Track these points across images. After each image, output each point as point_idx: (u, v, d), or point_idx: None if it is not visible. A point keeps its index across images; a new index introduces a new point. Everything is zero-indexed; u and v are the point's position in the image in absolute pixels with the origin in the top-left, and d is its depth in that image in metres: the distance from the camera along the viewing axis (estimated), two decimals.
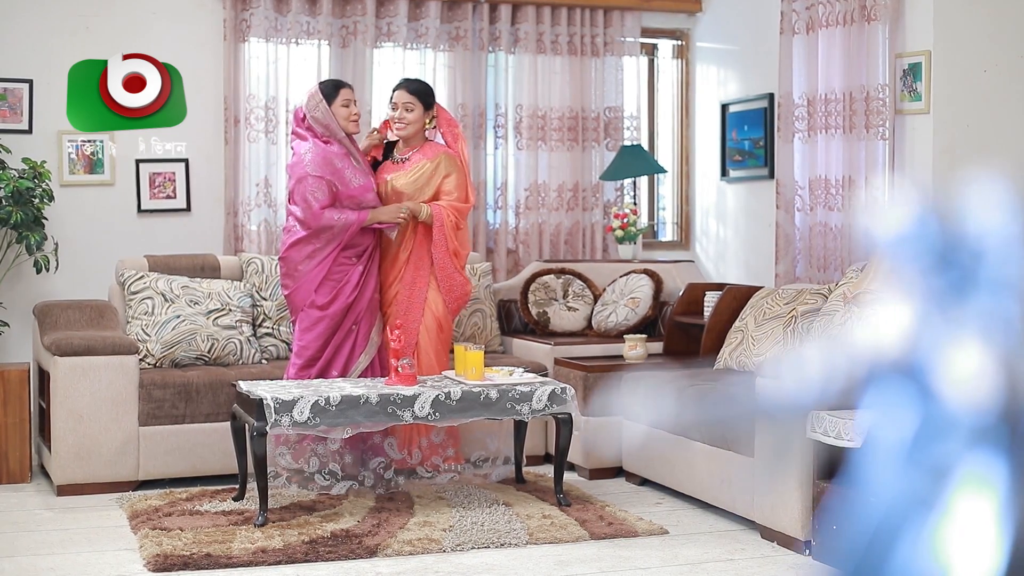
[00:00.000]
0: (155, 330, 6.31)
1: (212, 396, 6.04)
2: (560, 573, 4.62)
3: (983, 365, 0.78)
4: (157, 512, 5.39)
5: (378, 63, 7.65)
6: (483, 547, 4.94)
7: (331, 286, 5.81)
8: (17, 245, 6.62)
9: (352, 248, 5.85)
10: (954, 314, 0.80)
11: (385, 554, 4.83)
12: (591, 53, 8.01)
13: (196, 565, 4.65)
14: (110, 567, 4.69)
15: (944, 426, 0.77)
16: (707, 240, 8.30)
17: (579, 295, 7.23)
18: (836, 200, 6.74)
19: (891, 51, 6.44)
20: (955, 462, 0.76)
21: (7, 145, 6.71)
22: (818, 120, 6.84)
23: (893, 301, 0.82)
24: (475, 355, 5.56)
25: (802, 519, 4.84)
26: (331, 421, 5.19)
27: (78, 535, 5.17)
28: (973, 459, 0.76)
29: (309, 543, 4.92)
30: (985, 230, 0.81)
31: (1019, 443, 0.76)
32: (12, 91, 6.95)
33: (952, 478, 0.76)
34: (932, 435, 0.77)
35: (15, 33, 6.96)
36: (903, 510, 0.77)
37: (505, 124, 7.89)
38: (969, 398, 0.77)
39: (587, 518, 5.34)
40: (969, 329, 0.79)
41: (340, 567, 4.68)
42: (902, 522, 0.76)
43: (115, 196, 7.15)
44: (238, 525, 5.18)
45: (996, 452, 0.76)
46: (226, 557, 4.73)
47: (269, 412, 5.11)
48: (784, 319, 5.86)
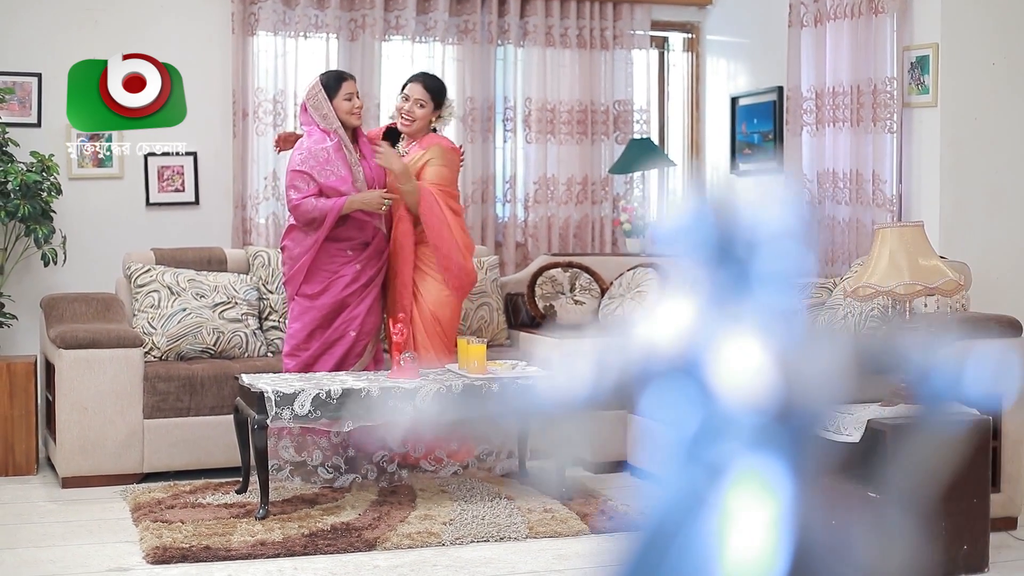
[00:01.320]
0: (161, 323, 6.33)
1: (217, 389, 6.05)
2: (559, 567, 4.62)
3: (760, 363, 0.77)
4: (160, 504, 5.41)
5: (387, 56, 7.64)
6: (483, 540, 4.94)
7: (323, 276, 5.81)
8: (26, 238, 6.64)
9: (346, 241, 5.83)
10: (732, 310, 0.79)
11: (384, 547, 4.83)
12: (600, 46, 7.99)
13: (195, 557, 4.66)
14: (109, 559, 4.71)
15: (721, 425, 0.75)
16: None
17: (586, 289, 7.22)
18: (844, 194, 6.71)
19: (899, 44, 6.40)
20: (732, 461, 0.75)
21: (17, 139, 6.73)
22: (826, 113, 6.81)
23: (670, 297, 0.81)
24: (477, 348, 5.56)
25: None
26: (332, 414, 5.19)
27: (80, 527, 5.19)
28: (750, 458, 0.75)
29: (309, 536, 4.92)
30: (763, 225, 0.79)
31: (797, 442, 0.75)
32: (21, 85, 6.97)
33: (729, 476, 0.74)
34: (709, 434, 0.76)
35: (24, 27, 6.99)
36: (682, 507, 0.76)
37: (514, 117, 7.88)
38: (746, 397, 0.75)
39: (589, 512, 5.33)
40: (746, 325, 0.78)
41: (338, 560, 4.69)
42: (681, 519, 0.75)
43: (124, 189, 7.17)
44: (239, 518, 5.20)
45: (773, 451, 0.75)
46: (225, 550, 4.74)
47: (270, 405, 5.12)
48: None
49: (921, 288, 4.53)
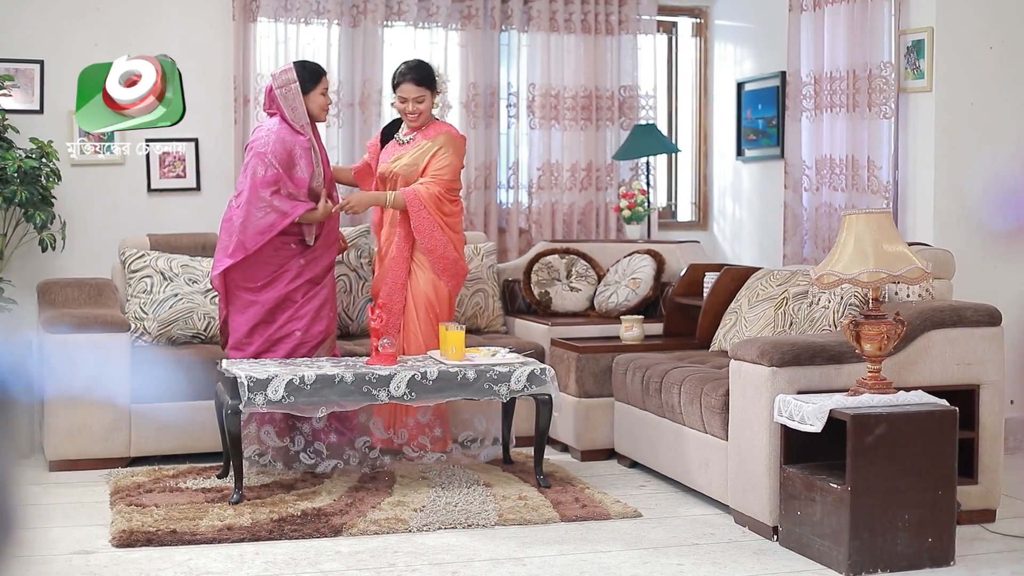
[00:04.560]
0: (152, 308, 6.37)
1: (204, 374, 6.08)
2: (519, 554, 4.59)
3: None
4: (139, 488, 5.44)
5: (389, 43, 7.64)
6: (450, 527, 4.93)
7: (268, 270, 5.72)
8: (26, 224, 6.71)
9: (293, 235, 5.77)
10: None
11: (350, 533, 4.83)
12: (605, 31, 7.94)
13: (159, 541, 4.69)
14: (77, 542, 4.74)
15: None
16: (724, 220, 8.20)
17: (582, 275, 7.18)
18: (840, 180, 6.62)
19: (896, 28, 6.30)
20: None
21: (21, 125, 6.80)
22: (824, 99, 6.73)
23: None
24: (456, 335, 5.54)
25: (770, 504, 4.77)
26: (306, 400, 5.20)
27: (57, 510, 5.24)
28: None
29: (277, 521, 4.94)
30: None
31: None
32: (23, 71, 7.04)
33: None
34: None
35: (26, 14, 7.05)
36: None
37: (518, 103, 7.85)
38: None
39: (563, 500, 5.30)
40: None
41: (301, 545, 4.70)
42: None
43: (125, 175, 7.23)
44: (214, 502, 5.22)
45: None
46: (191, 534, 4.76)
47: (243, 390, 5.13)
48: (776, 300, 5.76)
49: (885, 276, 4.45)
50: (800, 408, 4.52)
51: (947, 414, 4.45)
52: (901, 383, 4.80)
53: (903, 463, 4.39)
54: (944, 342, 4.93)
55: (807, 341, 4.83)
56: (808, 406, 4.47)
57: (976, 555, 4.61)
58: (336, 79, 7.43)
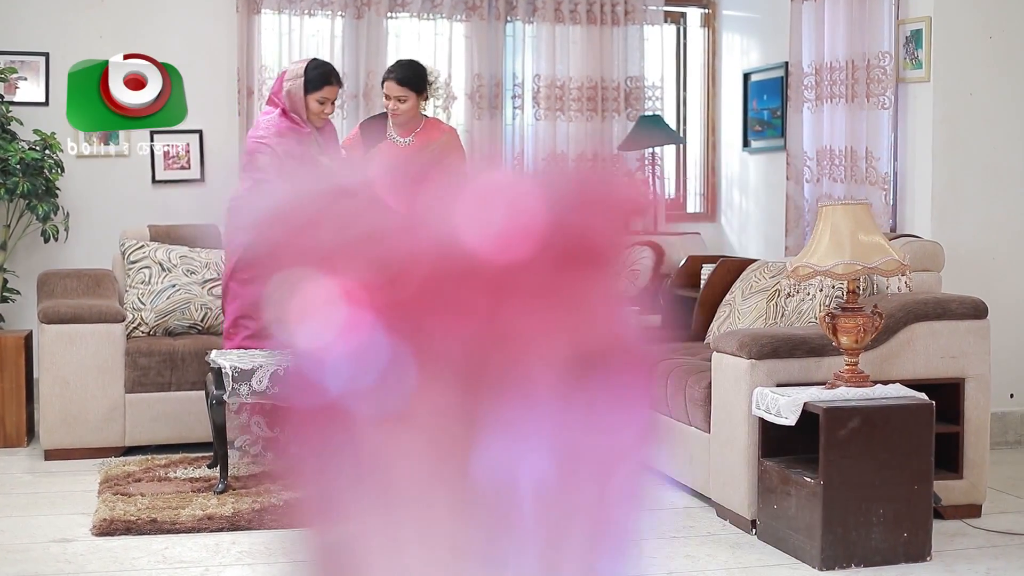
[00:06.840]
0: (150, 299, 6.41)
1: (197, 364, 6.11)
2: None
3: None
4: (129, 478, 5.48)
5: (394, 34, 7.63)
6: None
7: None
8: (30, 215, 6.77)
9: None
10: None
11: None
12: (611, 22, 7.90)
13: (138, 530, 4.72)
14: (58, 530, 4.79)
15: None
16: (731, 212, 8.15)
17: None
18: (840, 171, 6.56)
19: (895, 17, 6.23)
20: None
21: (26, 117, 6.86)
22: (824, 89, 6.67)
23: None
24: None
25: (749, 498, 4.74)
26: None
27: (45, 499, 5.29)
28: None
29: (257, 511, 4.96)
30: None
31: None
32: (29, 64, 7.09)
33: None
34: None
35: (32, 7, 7.11)
36: None
37: (522, 95, 7.83)
38: None
39: None
40: None
41: (277, 535, 4.71)
42: None
43: (130, 167, 7.27)
44: (200, 492, 5.25)
45: None
46: (171, 523, 4.80)
47: (227, 381, 5.16)
48: (768, 293, 5.73)
49: (860, 267, 4.41)
50: (776, 401, 4.48)
51: (923, 408, 4.40)
52: (883, 376, 4.75)
53: (878, 457, 4.34)
54: (928, 335, 4.87)
55: (787, 334, 4.79)
56: (783, 399, 4.44)
57: (955, 551, 4.56)
58: (340, 71, 7.41)
